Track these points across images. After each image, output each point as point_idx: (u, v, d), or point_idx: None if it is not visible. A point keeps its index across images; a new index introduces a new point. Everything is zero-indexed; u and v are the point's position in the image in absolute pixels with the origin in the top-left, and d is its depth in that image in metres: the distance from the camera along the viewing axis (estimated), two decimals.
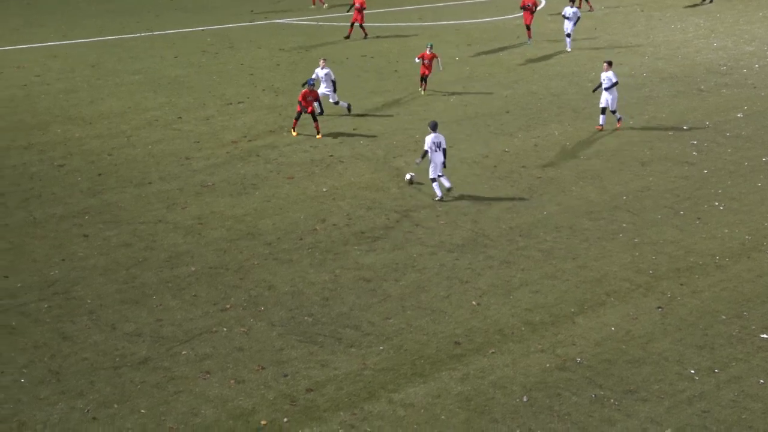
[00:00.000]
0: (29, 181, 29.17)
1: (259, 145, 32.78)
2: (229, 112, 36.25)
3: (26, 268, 23.54)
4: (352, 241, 25.47)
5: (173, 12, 53.95)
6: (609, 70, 34.37)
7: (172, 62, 42.89)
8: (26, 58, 42.77)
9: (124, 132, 33.77)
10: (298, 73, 41.79)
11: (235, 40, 47.08)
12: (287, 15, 53.79)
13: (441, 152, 28.32)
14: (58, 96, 37.56)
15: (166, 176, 29.85)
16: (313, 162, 31.28)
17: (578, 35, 50.33)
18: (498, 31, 48.61)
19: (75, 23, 50.31)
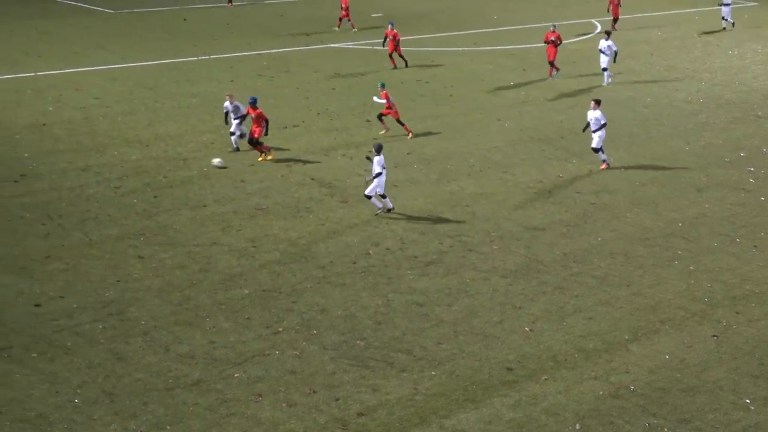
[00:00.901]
0: (86, 202, 29.45)
1: (313, 168, 32.87)
2: (284, 136, 36.41)
3: (82, 288, 23.75)
4: (405, 266, 25.46)
5: (231, 36, 54.36)
6: (597, 110, 33.05)
7: (228, 86, 43.16)
8: (86, 80, 43.25)
9: (180, 154, 34.01)
10: (353, 97, 41.93)
11: (292, 64, 47.34)
12: (343, 39, 54.01)
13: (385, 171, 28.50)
14: (116, 118, 37.92)
15: (221, 199, 30.01)
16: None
17: (634, 61, 50.13)
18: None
19: (134, 46, 50.82)
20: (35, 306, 22.78)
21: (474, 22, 60.92)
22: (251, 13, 61.46)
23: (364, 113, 39.23)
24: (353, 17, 59.74)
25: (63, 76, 44.09)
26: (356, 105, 40.53)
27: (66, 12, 60.81)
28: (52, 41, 51.51)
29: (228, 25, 57.46)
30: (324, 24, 57.76)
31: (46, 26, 55.54)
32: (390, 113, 36.39)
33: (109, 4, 63.62)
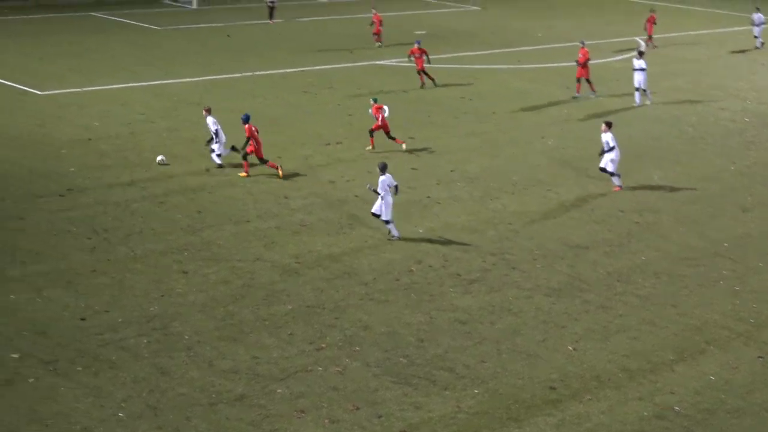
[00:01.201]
0: (131, 217, 29.64)
1: (355, 185, 32.91)
2: (327, 152, 36.52)
3: (127, 303, 23.90)
4: (448, 283, 25.46)
5: (275, 52, 54.62)
6: (607, 132, 32.77)
7: (272, 102, 43.38)
8: (131, 96, 43.58)
9: (224, 170, 34.15)
10: (396, 114, 41.91)
11: (335, 81, 47.49)
12: (387, 56, 54.12)
13: (390, 194, 27.96)
14: (161, 134, 38.17)
15: (264, 214, 30.13)
16: (410, 203, 31.35)
17: (680, 80, 49.95)
18: (598, 74, 48.38)
19: (179, 62, 51.15)
20: (81, 320, 22.95)
21: (518, 40, 60.91)
22: (295, 30, 61.72)
23: (408, 130, 39.25)
24: (398, 34, 59.88)
25: (109, 91, 44.44)
26: (399, 122, 40.52)
27: (112, 28, 61.31)
28: (99, 57, 51.93)
29: (271, 42, 57.72)
30: (367, 41, 57.90)
31: (92, 42, 55.98)
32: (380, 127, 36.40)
33: (155, 20, 64.07)
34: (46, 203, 30.57)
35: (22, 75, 46.85)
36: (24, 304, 23.73)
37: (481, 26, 66.28)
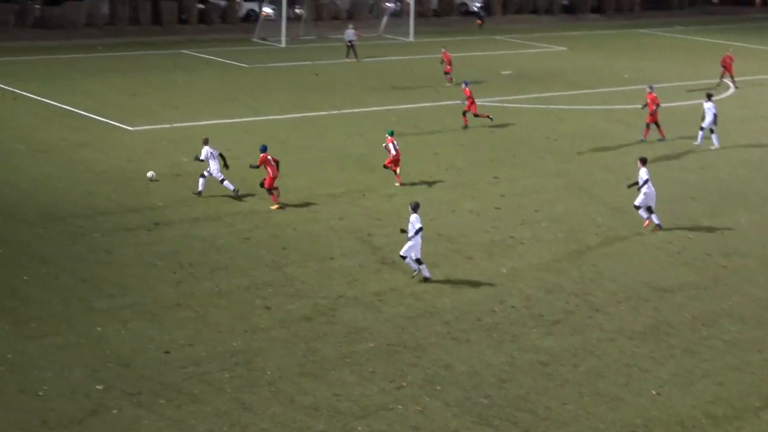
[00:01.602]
0: (216, 252, 29.93)
1: (441, 223, 32.94)
2: (411, 191, 36.53)
3: (210, 337, 24.11)
4: (530, 324, 25.33)
5: (361, 91, 54.95)
6: (643, 168, 32.53)
7: (357, 140, 43.61)
8: (220, 133, 44.00)
9: (309, 207, 34.38)
10: (481, 153, 41.99)
11: (420, 120, 47.62)
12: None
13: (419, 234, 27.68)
14: (247, 170, 38.47)
15: (348, 252, 30.24)
16: (494, 243, 31.31)
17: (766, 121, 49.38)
18: (685, 115, 48.00)
19: (267, 100, 51.68)
20: (165, 353, 23.20)
21: (604, 81, 60.61)
22: (382, 69, 62.09)
23: (492, 169, 39.25)
24: (485, 74, 59.98)
25: (197, 128, 44.98)
26: (484, 161, 40.58)
27: (203, 66, 62.20)
28: (189, 94, 52.68)
29: (359, 81, 58.10)
30: (453, 80, 58.02)
31: (182, 79, 56.83)
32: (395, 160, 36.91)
33: (244, 58, 64.86)
34: (133, 237, 31.02)
35: (114, 110, 47.67)
36: (110, 336, 24.06)
37: (567, 66, 66.11)
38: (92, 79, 55.61)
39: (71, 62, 61.36)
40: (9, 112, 46.64)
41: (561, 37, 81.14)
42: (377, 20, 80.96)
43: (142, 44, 70.32)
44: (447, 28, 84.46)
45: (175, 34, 74.97)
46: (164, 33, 75.14)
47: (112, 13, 76.39)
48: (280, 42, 71.46)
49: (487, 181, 37.94)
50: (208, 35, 75.57)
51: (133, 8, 76.62)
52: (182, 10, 78.26)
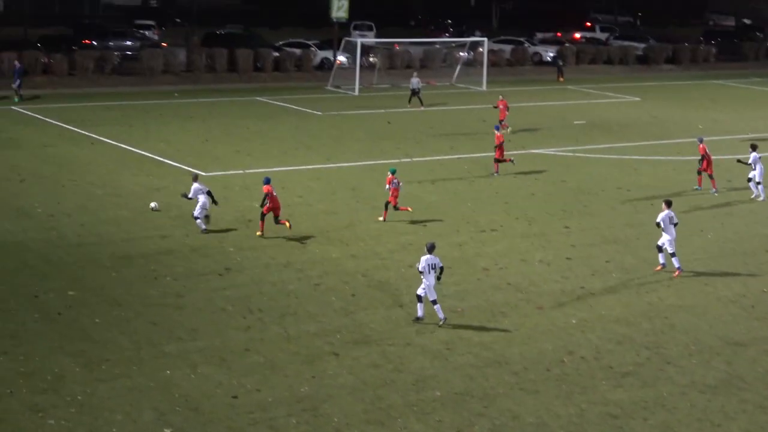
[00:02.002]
0: (286, 298, 30.06)
1: (510, 273, 32.86)
2: (481, 239, 36.53)
3: (278, 382, 24.17)
4: (599, 376, 25.09)
5: (433, 139, 55.07)
6: (666, 210, 32.91)
7: (429, 188, 43.65)
8: (292, 179, 44.38)
9: (379, 254, 34.43)
10: (553, 202, 41.82)
11: (492, 168, 47.56)
12: (544, 145, 54.06)
13: (433, 275, 27.81)
14: (318, 216, 38.73)
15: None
16: (564, 293, 31.13)
17: None
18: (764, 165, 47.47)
19: (339, 147, 51.96)
20: (233, 398, 23.30)
21: (678, 131, 60.19)
22: (454, 117, 62.19)
23: (563, 219, 39.08)
24: (558, 123, 59.86)
25: (270, 174, 45.23)
26: (555, 211, 40.40)
27: (277, 113, 62.77)
28: (262, 140, 53.15)
29: (431, 129, 58.24)
30: (525, 130, 57.98)
31: (257, 126, 57.36)
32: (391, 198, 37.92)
33: (318, 105, 65.32)
34: (205, 281, 31.24)
35: (189, 156, 48.22)
36: (179, 380, 24.21)
37: (640, 117, 65.78)
38: (168, 125, 56.36)
39: (148, 108, 62.26)
40: (86, 157, 47.35)
41: (634, 87, 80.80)
42: (450, 69, 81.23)
43: (218, 91, 71.16)
44: (520, 78, 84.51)
45: (250, 82, 75.81)
46: (240, 80, 76.01)
47: (189, 60, 77.45)
48: (353, 90, 71.94)
49: (558, 231, 37.76)
50: (282, 83, 76.30)
51: (210, 56, 77.62)
52: (258, 59, 79.14)
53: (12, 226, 35.98)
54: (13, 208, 38.24)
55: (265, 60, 79.12)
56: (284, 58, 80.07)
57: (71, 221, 36.86)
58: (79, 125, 55.03)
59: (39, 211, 37.89)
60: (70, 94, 66.75)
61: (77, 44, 79.36)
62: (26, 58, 69.19)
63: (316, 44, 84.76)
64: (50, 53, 73.20)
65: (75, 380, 24.08)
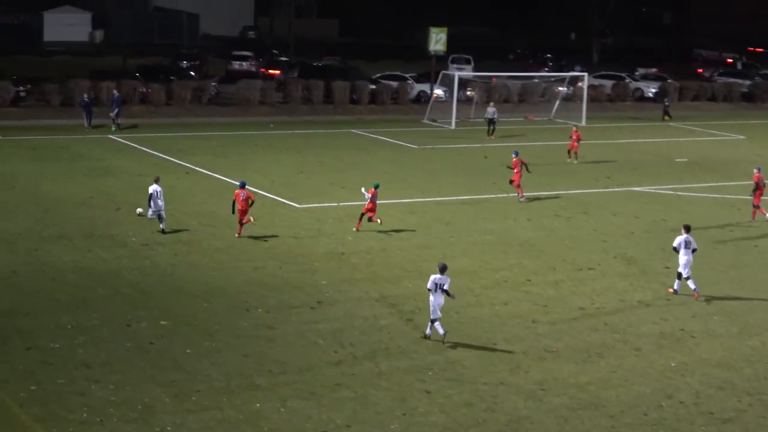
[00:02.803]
0: (378, 333, 29.75)
1: (607, 313, 32.25)
2: (578, 278, 35.89)
3: (368, 418, 23.82)
4: (699, 422, 24.36)
5: (530, 175, 54.35)
6: (684, 234, 34.01)
7: (524, 224, 43.09)
8: (386, 212, 44.01)
9: (473, 290, 33.97)
10: (653, 241, 41.02)
11: (590, 206, 46.86)
12: (644, 183, 53.15)
13: (441, 294, 28.60)
14: (412, 251, 38.39)
15: (511, 338, 29.75)
16: (663, 335, 30.44)
17: None
18: None
19: (434, 181, 51.58)
20: None
21: None
22: (551, 153, 61.40)
23: (664, 259, 38.25)
24: (659, 161, 58.93)
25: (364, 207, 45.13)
26: (656, 250, 39.61)
27: (372, 145, 62.64)
28: (357, 173, 52.98)
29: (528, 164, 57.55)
30: (626, 167, 57.08)
31: (352, 158, 57.28)
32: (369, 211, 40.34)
33: (414, 139, 65.01)
34: (296, 314, 31.07)
35: (283, 188, 48.23)
36: (268, 413, 24.00)
37: (744, 156, 64.42)
38: (263, 156, 56.50)
39: (244, 139, 62.54)
40: (181, 187, 47.58)
41: (739, 125, 79.25)
42: (549, 104, 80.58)
43: (313, 123, 71.32)
44: (621, 114, 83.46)
45: (346, 114, 75.87)
46: (335, 112, 76.11)
47: (285, 92, 77.82)
48: (450, 124, 71.55)
49: (657, 271, 37.01)
50: (378, 115, 76.25)
51: (306, 88, 77.91)
52: (354, 91, 79.24)
53: (106, 255, 36.17)
54: (108, 236, 38.47)
55: (362, 92, 79.17)
56: (380, 91, 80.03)
57: (165, 251, 36.96)
58: (175, 155, 55.45)
59: (133, 240, 38.08)
60: (166, 124, 67.40)
61: (175, 74, 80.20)
62: (125, 88, 70.07)
63: (413, 77, 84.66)
64: (148, 83, 74.06)
65: (165, 410, 23.97)
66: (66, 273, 34.04)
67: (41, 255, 35.83)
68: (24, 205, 42.65)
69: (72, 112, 65.25)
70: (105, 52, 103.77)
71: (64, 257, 35.64)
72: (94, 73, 76.29)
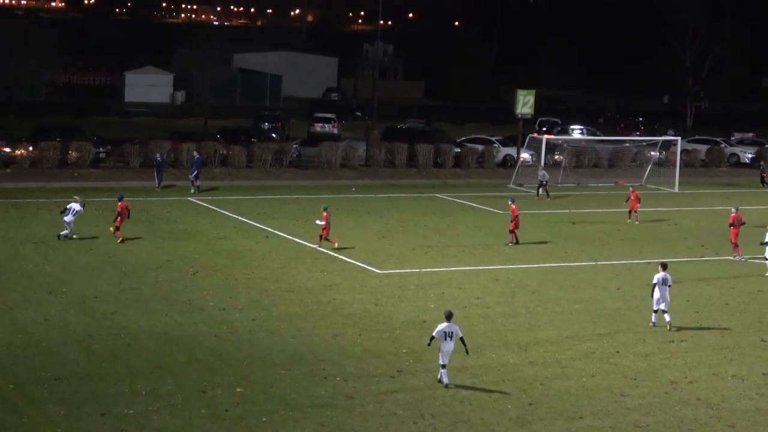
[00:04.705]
0: (460, 404, 28.83)
1: (700, 387, 31.01)
2: (670, 350, 34.58)
3: None
4: None
5: (620, 243, 53.09)
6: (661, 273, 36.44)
7: (614, 294, 41.80)
8: (470, 279, 43.21)
9: (559, 362, 32.87)
10: (748, 313, 39.54)
11: (682, 276, 45.36)
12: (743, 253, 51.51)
13: (451, 341, 29.66)
14: (496, 320, 37.39)
15: (599, 412, 28.69)
16: (759, 411, 29.23)
17: None
18: None
19: (520, 248, 50.46)
20: None
21: None
22: (644, 220, 59.95)
23: (760, 332, 36.78)
24: (755, 229, 57.18)
25: (447, 273, 44.25)
26: (751, 322, 38.15)
27: (456, 210, 61.79)
28: (440, 238, 52.16)
29: (618, 231, 56.31)
30: (720, 235, 55.43)
31: (436, 223, 56.43)
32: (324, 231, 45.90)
33: (499, 204, 63.88)
34: (376, 383, 30.26)
35: (364, 253, 47.49)
36: None
37: None
38: (345, 220, 55.79)
39: (325, 202, 61.94)
40: (261, 251, 47.08)
41: None
42: (640, 169, 79.13)
43: (396, 186, 70.66)
44: (716, 180, 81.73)
45: (430, 178, 75.15)
46: (419, 176, 75.42)
47: (368, 154, 77.38)
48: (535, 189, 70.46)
49: (753, 344, 35.63)
50: (463, 179, 75.47)
51: (389, 150, 77.37)
52: (438, 154, 78.52)
53: (183, 319, 35.64)
54: (185, 300, 37.97)
55: (446, 155, 78.40)
56: (465, 154, 79.23)
57: (242, 316, 36.34)
58: (254, 218, 55.03)
59: (211, 305, 37.55)
60: (247, 186, 67.24)
61: (256, 136, 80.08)
62: (205, 149, 70.08)
63: (499, 140, 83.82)
64: (229, 144, 74.01)
65: None
66: (142, 337, 33.54)
67: (117, 319, 35.40)
68: (101, 267, 42.37)
69: (152, 173, 65.31)
70: (186, 113, 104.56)
71: (140, 321, 35.18)
72: (175, 134, 76.56)
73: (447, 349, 29.72)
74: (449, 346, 29.70)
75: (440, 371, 30.03)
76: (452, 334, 29.74)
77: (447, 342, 29.68)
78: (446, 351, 29.73)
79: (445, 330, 29.71)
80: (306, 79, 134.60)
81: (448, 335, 29.69)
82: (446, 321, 29.84)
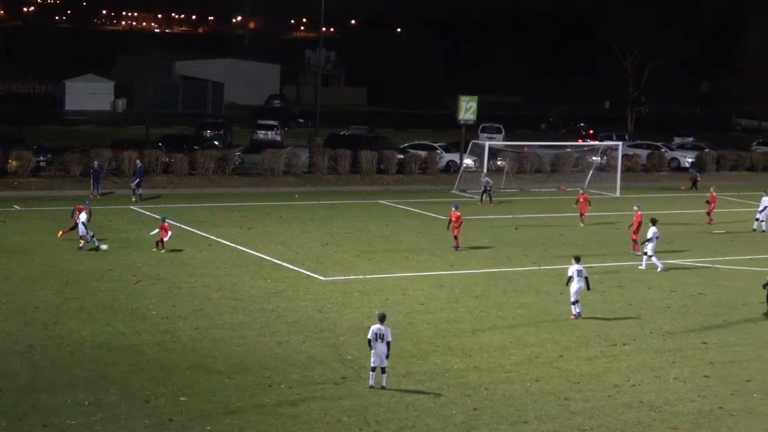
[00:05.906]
0: (404, 410, 28.79)
1: (643, 390, 31.19)
2: (613, 354, 34.80)
3: None
4: None
5: (563, 248, 53.36)
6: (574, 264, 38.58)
7: (557, 298, 41.99)
8: (413, 285, 43.24)
9: (503, 367, 32.97)
10: (689, 316, 39.90)
11: (625, 280, 45.76)
12: (680, 256, 51.98)
13: (383, 344, 29.93)
14: (440, 325, 37.44)
15: (543, 416, 28.79)
16: (701, 413, 29.44)
17: None
18: None
19: (464, 254, 50.62)
20: None
21: None
22: (587, 225, 60.34)
23: (701, 335, 37.13)
24: (695, 233, 57.91)
25: (391, 279, 44.27)
26: (692, 326, 38.49)
27: (399, 216, 61.83)
28: (385, 244, 52.16)
29: (561, 236, 56.65)
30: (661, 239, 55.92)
31: (380, 229, 56.42)
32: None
33: (442, 210, 63.83)
34: (321, 390, 30.18)
35: (308, 260, 47.37)
36: None
37: None
38: (288, 228, 55.68)
39: (268, 210, 61.81)
40: (204, 259, 46.82)
41: None
42: (582, 174, 79.67)
43: (340, 193, 70.63)
44: (656, 184, 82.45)
45: (373, 184, 75.16)
46: (362, 182, 75.39)
47: (311, 161, 77.25)
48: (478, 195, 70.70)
49: (695, 347, 35.95)
50: (406, 185, 75.57)
51: (332, 157, 77.27)
52: (382, 160, 78.54)
53: (126, 328, 35.37)
54: (128, 309, 37.69)
55: (389, 162, 78.43)
56: (408, 160, 79.32)
57: (186, 324, 36.13)
58: (197, 226, 54.71)
59: (154, 314, 37.29)
60: (189, 194, 66.88)
61: (199, 143, 79.68)
62: (147, 158, 69.57)
63: (442, 146, 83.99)
64: (171, 152, 73.54)
65: None
66: (84, 348, 33.25)
67: (59, 329, 35.06)
68: (43, 278, 41.93)
69: None
70: (128, 121, 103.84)
71: (83, 331, 34.87)
72: (117, 142, 76.09)
73: (379, 351, 30.02)
74: (381, 348, 29.99)
75: (370, 375, 30.40)
76: (383, 336, 30.03)
77: (378, 343, 30.01)
78: (378, 353, 30.03)
79: (376, 331, 30.05)
80: (248, 87, 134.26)
81: (379, 336, 30.01)
82: (379, 323, 30.21)
